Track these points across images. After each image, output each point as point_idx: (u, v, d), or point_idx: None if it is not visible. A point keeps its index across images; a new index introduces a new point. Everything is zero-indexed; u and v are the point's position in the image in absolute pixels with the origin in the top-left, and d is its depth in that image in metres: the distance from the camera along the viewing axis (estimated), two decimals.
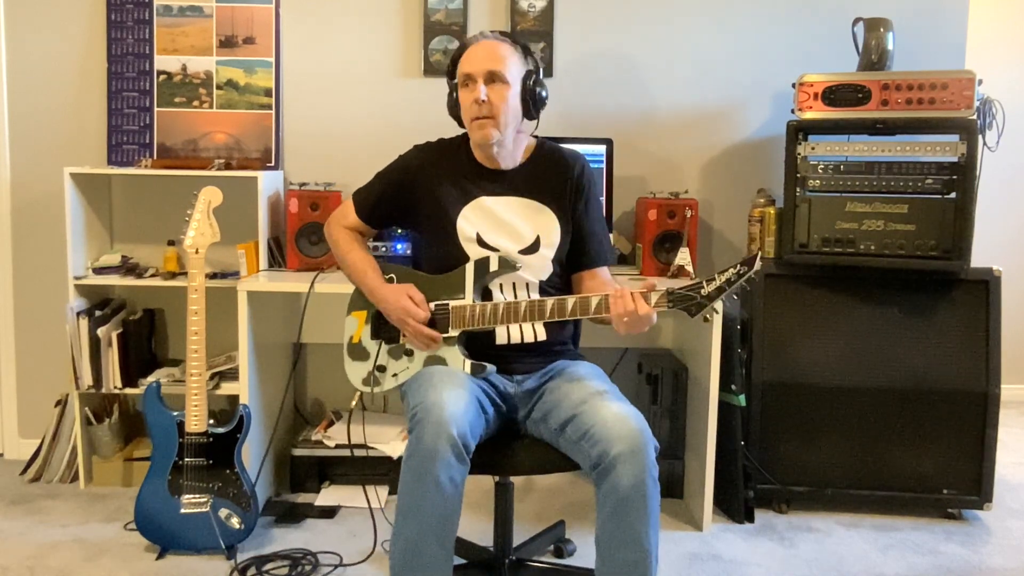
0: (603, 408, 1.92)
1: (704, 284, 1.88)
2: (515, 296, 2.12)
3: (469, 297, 2.10)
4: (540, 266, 2.15)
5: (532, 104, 2.16)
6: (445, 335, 2.09)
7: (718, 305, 1.89)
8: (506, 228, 2.15)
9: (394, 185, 2.25)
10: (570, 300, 1.99)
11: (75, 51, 3.12)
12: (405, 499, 1.88)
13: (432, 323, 2.10)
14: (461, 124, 2.21)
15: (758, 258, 1.86)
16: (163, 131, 3.13)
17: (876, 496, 2.86)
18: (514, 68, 2.12)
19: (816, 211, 2.80)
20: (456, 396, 1.91)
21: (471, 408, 1.93)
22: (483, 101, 2.07)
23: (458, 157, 2.22)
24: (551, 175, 2.20)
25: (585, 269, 2.21)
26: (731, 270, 1.87)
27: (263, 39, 3.11)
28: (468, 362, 2.06)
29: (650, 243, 2.86)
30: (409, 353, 2.14)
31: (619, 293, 1.93)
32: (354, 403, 2.22)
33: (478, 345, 2.12)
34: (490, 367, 2.07)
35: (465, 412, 1.89)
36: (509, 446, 2.11)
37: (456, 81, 2.17)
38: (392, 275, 2.20)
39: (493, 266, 2.10)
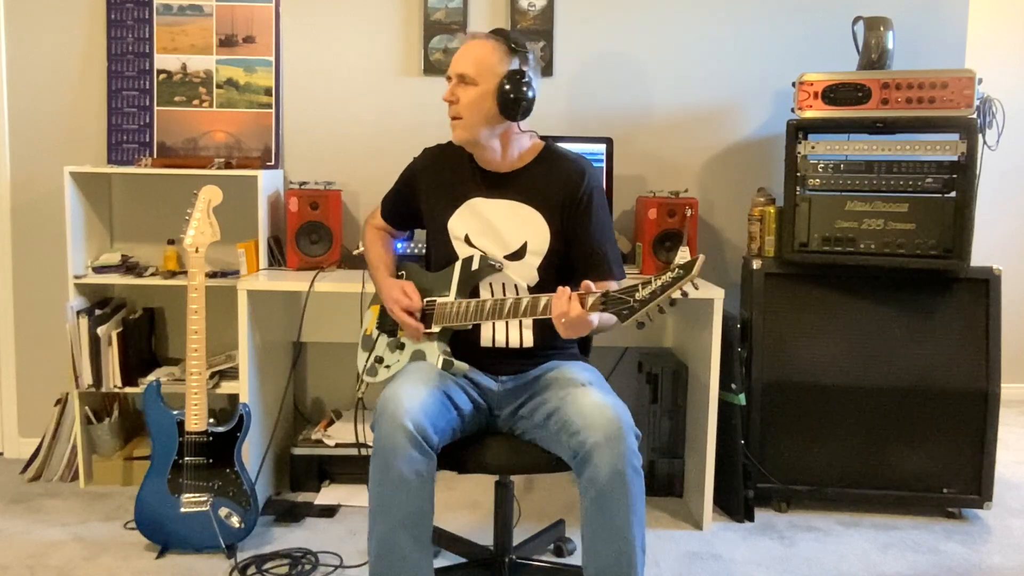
0: (582, 398, 1.91)
1: (640, 287, 1.78)
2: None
3: (452, 294, 2.11)
4: (525, 274, 2.13)
5: (510, 104, 2.05)
6: (428, 331, 2.11)
7: (655, 312, 1.76)
8: (493, 232, 2.14)
9: (404, 188, 2.32)
10: (524, 299, 1.97)
11: (75, 50, 3.12)
12: (373, 497, 1.89)
13: (423, 319, 2.13)
14: None
15: (698, 263, 1.73)
16: (163, 130, 3.13)
17: (876, 495, 2.86)
18: (487, 68, 2.05)
19: (816, 210, 2.80)
20: (415, 390, 1.92)
21: (432, 401, 1.93)
22: (450, 102, 2.08)
23: (459, 159, 2.21)
24: (550, 183, 2.14)
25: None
26: (668, 274, 1.75)
27: (263, 38, 3.11)
28: (441, 357, 2.06)
29: (650, 242, 2.86)
30: (401, 347, 2.18)
31: (560, 293, 1.87)
32: (359, 393, 2.24)
33: (464, 346, 2.12)
34: (461, 365, 2.05)
35: (423, 405, 1.89)
36: (484, 444, 2.10)
37: None
38: (403, 272, 2.27)
39: (475, 265, 2.11)
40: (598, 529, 1.85)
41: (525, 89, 2.06)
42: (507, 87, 2.05)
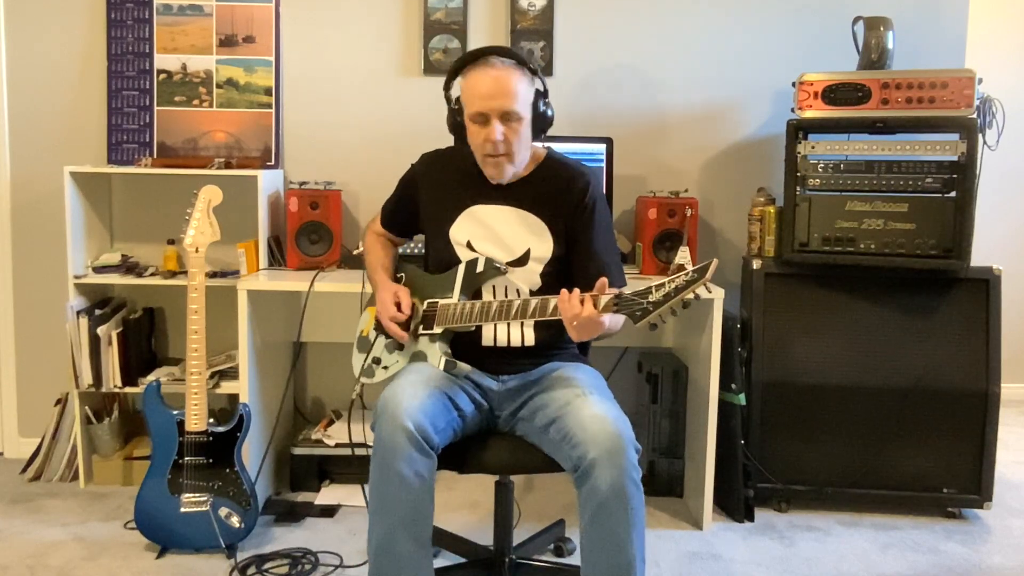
0: (583, 410, 1.90)
1: (653, 290, 1.78)
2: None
3: (456, 296, 2.11)
4: (528, 280, 2.13)
5: (542, 128, 2.13)
6: (430, 332, 2.11)
7: (667, 314, 1.78)
8: (496, 238, 2.14)
9: (404, 194, 2.31)
10: (532, 301, 1.97)
11: (75, 50, 3.12)
12: (373, 497, 1.89)
13: (424, 320, 2.13)
14: (459, 139, 2.17)
15: (712, 267, 1.74)
16: (163, 130, 3.13)
17: (876, 495, 2.86)
18: (525, 98, 2.05)
19: (816, 210, 2.80)
20: (415, 390, 1.92)
21: (432, 401, 1.93)
22: (500, 141, 2.03)
23: (460, 165, 2.20)
24: (551, 191, 2.14)
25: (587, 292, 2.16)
26: (682, 276, 1.76)
27: (263, 38, 3.11)
28: (443, 359, 2.06)
29: (650, 242, 2.86)
30: (400, 348, 2.17)
31: (569, 295, 1.86)
32: (355, 394, 2.23)
33: (464, 346, 2.12)
34: (463, 365, 2.06)
35: (422, 405, 1.89)
36: (484, 444, 2.10)
37: (458, 107, 2.11)
38: (402, 274, 2.27)
39: (479, 267, 2.11)
40: (597, 542, 1.84)
41: (548, 109, 2.13)
42: (540, 113, 2.10)
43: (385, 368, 2.19)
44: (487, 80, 2.02)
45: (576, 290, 1.88)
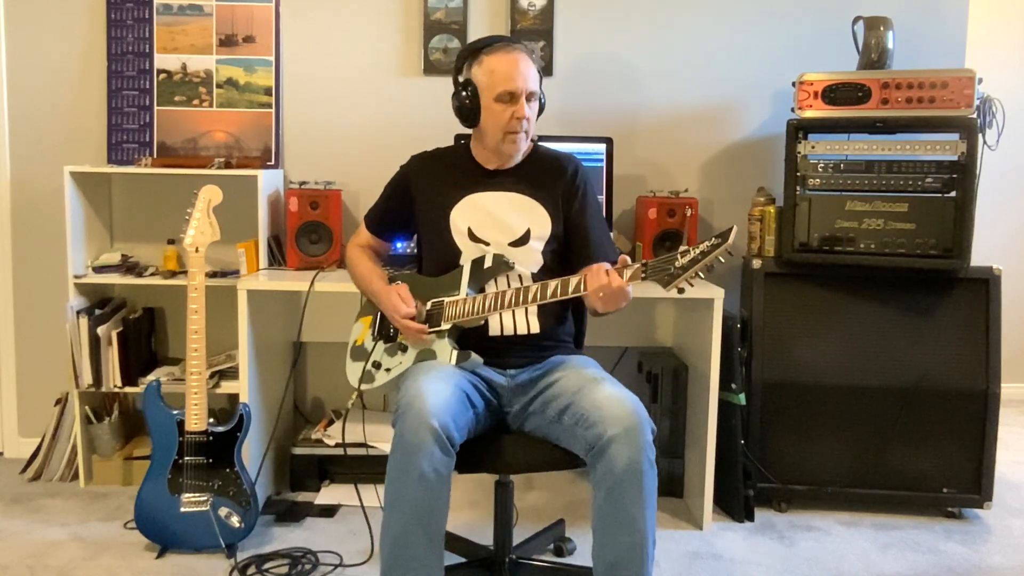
0: (598, 392, 1.94)
1: (678, 256, 1.86)
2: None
3: (463, 293, 2.13)
4: (530, 259, 2.18)
5: (541, 111, 2.25)
6: (437, 329, 2.12)
7: (693, 278, 1.86)
8: (496, 222, 2.19)
9: (396, 194, 2.34)
10: (552, 282, 2.00)
11: (75, 50, 3.12)
12: (390, 493, 1.90)
13: (428, 320, 2.14)
14: (468, 125, 2.22)
15: (733, 231, 1.82)
16: (163, 130, 3.13)
17: (876, 495, 2.86)
18: (537, 82, 2.18)
19: (816, 210, 2.80)
20: (438, 388, 1.93)
21: (454, 399, 1.94)
22: (527, 118, 2.14)
23: (455, 161, 2.28)
24: (544, 174, 2.24)
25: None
26: (706, 243, 1.84)
27: (263, 38, 3.11)
28: (454, 352, 2.08)
29: (650, 242, 2.86)
30: (404, 349, 2.18)
31: (595, 269, 1.94)
32: (350, 403, 2.24)
33: (471, 338, 2.13)
34: (475, 356, 2.08)
35: (447, 403, 1.91)
36: (499, 443, 2.10)
37: (470, 90, 2.16)
38: (399, 281, 2.27)
39: (488, 263, 2.13)
40: (611, 521, 1.87)
41: (543, 96, 2.24)
42: (540, 99, 2.23)
43: (387, 371, 2.19)
44: (515, 61, 2.14)
45: (603, 263, 1.95)
